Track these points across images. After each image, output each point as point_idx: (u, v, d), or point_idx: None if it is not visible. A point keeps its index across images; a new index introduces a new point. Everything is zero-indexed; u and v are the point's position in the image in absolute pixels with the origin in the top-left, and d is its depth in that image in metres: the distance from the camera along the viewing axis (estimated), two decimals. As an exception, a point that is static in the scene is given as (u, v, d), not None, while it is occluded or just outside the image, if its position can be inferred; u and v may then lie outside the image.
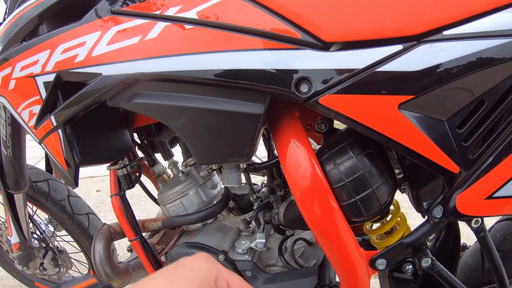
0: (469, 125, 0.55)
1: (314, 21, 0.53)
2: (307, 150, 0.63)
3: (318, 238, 0.66)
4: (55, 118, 0.74)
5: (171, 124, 0.64)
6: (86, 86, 0.67)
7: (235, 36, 0.56)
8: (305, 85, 0.55)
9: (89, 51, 0.66)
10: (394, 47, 0.52)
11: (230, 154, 0.64)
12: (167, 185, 1.02)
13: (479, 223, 0.65)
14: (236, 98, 0.60)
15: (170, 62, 0.59)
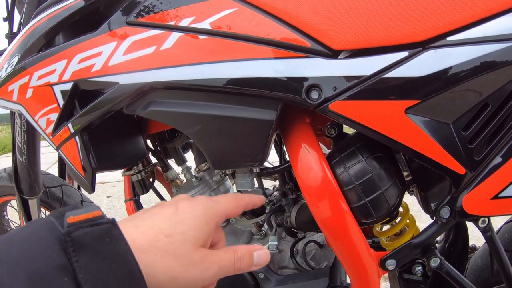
0: (474, 127, 0.57)
1: (323, 30, 0.55)
2: (318, 154, 0.65)
3: (329, 239, 0.68)
4: (72, 125, 0.76)
5: (187, 130, 0.66)
6: (103, 94, 0.69)
7: (247, 46, 0.58)
8: (315, 92, 0.56)
9: (105, 60, 0.68)
10: (400, 54, 0.54)
11: (244, 159, 0.65)
12: (180, 190, 1.04)
13: (486, 223, 0.66)
14: (249, 105, 0.61)
15: (185, 71, 0.61)
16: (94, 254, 0.35)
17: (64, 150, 0.84)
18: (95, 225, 0.37)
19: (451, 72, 0.53)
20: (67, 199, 1.58)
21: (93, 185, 0.85)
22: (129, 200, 1.02)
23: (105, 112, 0.71)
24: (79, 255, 0.35)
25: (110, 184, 4.00)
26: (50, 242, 0.35)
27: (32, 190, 1.39)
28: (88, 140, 0.80)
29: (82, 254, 0.35)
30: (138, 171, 0.98)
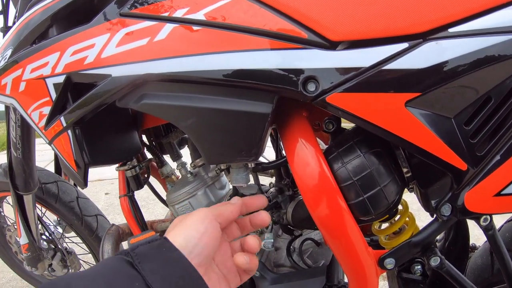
0: (476, 122, 0.55)
1: (320, 21, 0.54)
2: (315, 149, 0.63)
3: (326, 237, 0.66)
4: (65, 119, 0.75)
5: (180, 124, 0.64)
6: (96, 87, 0.68)
7: (242, 37, 0.57)
8: (312, 84, 0.55)
9: (98, 53, 0.67)
10: (400, 45, 0.52)
11: (239, 153, 0.64)
12: (175, 185, 1.03)
13: (488, 221, 0.64)
14: (244, 98, 0.60)
15: (179, 63, 0.59)
16: (156, 262, 0.47)
17: (56, 144, 0.83)
18: (152, 241, 0.50)
19: (452, 65, 0.51)
20: (62, 195, 1.57)
21: (86, 180, 0.83)
22: (123, 196, 1.01)
23: (98, 105, 0.70)
24: (144, 264, 0.46)
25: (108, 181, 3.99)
26: (118, 261, 0.46)
27: (27, 185, 1.38)
28: (81, 134, 0.78)
29: (146, 263, 0.46)
30: (132, 166, 0.97)
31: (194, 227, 0.55)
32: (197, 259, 0.52)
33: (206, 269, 0.55)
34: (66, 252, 1.70)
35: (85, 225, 1.58)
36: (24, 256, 1.58)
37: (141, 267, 0.45)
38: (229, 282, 0.62)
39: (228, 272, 0.63)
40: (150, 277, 0.44)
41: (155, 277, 0.44)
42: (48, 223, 1.72)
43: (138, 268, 0.45)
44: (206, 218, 0.58)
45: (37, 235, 1.55)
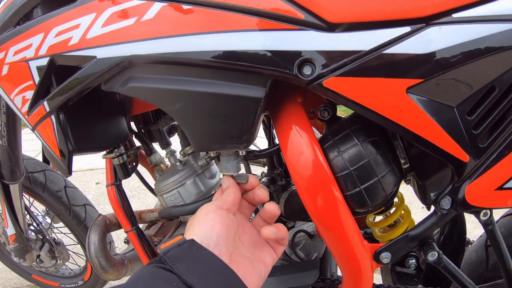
0: (479, 112, 0.53)
1: (318, 1, 0.51)
2: (310, 137, 0.60)
3: (320, 229, 0.64)
4: (48, 104, 0.72)
5: (168, 108, 0.62)
6: (80, 69, 0.65)
7: (235, 16, 0.54)
8: (308, 67, 0.52)
9: (83, 33, 0.63)
10: (401, 29, 0.50)
11: (229, 140, 0.61)
12: (164, 174, 1.00)
13: (488, 215, 0.63)
14: (236, 81, 0.57)
15: (167, 44, 0.57)
16: (189, 261, 0.50)
17: (40, 130, 0.80)
18: (181, 244, 0.53)
19: (456, 51, 0.49)
20: (50, 185, 1.54)
21: (70, 168, 0.80)
22: (111, 185, 0.98)
23: (82, 89, 0.67)
24: (178, 265, 0.49)
25: (99, 171, 3.95)
26: (153, 268, 0.49)
27: (13, 175, 1.35)
28: (65, 119, 0.75)
29: (180, 264, 0.49)
30: (119, 154, 0.93)
31: (202, 223, 0.58)
32: (216, 250, 0.54)
33: (230, 256, 0.56)
34: (54, 242, 1.68)
35: (73, 215, 1.56)
36: (12, 247, 1.55)
37: (176, 269, 0.48)
38: (264, 260, 0.64)
39: (262, 250, 0.65)
40: (186, 276, 0.47)
41: (192, 276, 0.47)
42: (36, 213, 1.70)
43: (173, 270, 0.48)
44: (209, 211, 0.60)
45: (24, 225, 1.52)
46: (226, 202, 0.62)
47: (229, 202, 0.63)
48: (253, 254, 0.63)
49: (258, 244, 0.66)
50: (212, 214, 0.59)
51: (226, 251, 0.56)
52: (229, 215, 0.61)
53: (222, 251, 0.55)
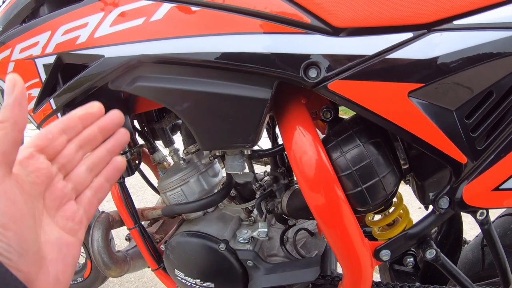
0: (477, 115, 0.55)
1: (324, 6, 0.52)
2: (313, 137, 0.62)
3: (322, 227, 0.65)
4: (54, 101, 0.73)
5: (175, 108, 0.63)
6: (88, 68, 0.66)
7: (243, 19, 0.55)
8: (314, 70, 0.54)
9: (91, 32, 0.65)
10: (404, 35, 0.51)
11: (235, 140, 0.63)
12: (167, 172, 1.01)
13: (485, 215, 0.64)
14: (243, 82, 0.59)
15: (176, 44, 0.58)
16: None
17: (45, 127, 0.81)
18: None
19: (456, 57, 0.51)
20: (51, 181, 1.54)
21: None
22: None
23: (89, 87, 0.68)
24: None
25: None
26: None
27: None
28: None
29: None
30: (123, 152, 0.94)
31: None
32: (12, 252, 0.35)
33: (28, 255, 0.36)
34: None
35: (73, 212, 1.56)
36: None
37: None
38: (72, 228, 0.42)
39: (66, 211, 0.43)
40: None
41: None
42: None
43: None
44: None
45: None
46: (11, 146, 0.36)
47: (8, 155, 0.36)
48: (61, 226, 0.42)
49: (62, 200, 0.43)
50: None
51: (14, 249, 0.35)
52: (15, 177, 0.37)
53: (8, 251, 0.35)
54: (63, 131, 0.43)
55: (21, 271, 0.35)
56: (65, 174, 0.44)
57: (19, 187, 0.37)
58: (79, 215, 0.44)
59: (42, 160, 0.41)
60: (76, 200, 0.44)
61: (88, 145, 0.46)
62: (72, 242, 0.42)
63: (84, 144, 0.45)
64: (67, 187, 0.43)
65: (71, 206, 0.43)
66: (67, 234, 0.42)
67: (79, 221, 0.43)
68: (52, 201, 0.42)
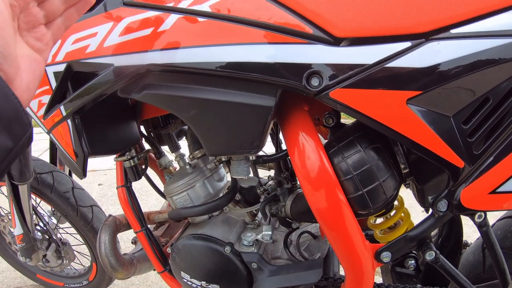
0: (474, 121, 0.56)
1: (325, 16, 0.54)
2: (316, 143, 0.64)
3: (324, 230, 0.67)
4: (64, 108, 0.75)
5: (182, 115, 0.65)
6: (97, 76, 0.68)
7: (247, 30, 0.57)
8: (316, 79, 0.55)
9: (100, 41, 0.67)
10: (402, 44, 0.53)
11: (240, 146, 0.65)
12: (174, 177, 1.03)
13: (482, 217, 0.66)
14: (248, 91, 0.61)
15: (183, 54, 0.60)
16: None
17: (55, 133, 0.83)
18: None
19: (453, 65, 0.52)
20: (58, 186, 1.56)
21: (85, 170, 0.84)
22: (121, 187, 1.01)
23: (98, 95, 0.70)
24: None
25: (101, 172, 3.97)
26: None
27: (22, 175, 1.37)
28: (80, 124, 0.78)
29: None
30: (130, 157, 0.97)
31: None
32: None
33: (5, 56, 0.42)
34: (60, 242, 1.69)
35: (80, 216, 1.57)
36: (18, 246, 1.56)
37: None
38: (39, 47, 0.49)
39: (37, 32, 0.49)
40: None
41: None
42: (43, 214, 1.71)
43: None
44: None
45: (31, 225, 1.54)
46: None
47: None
48: (31, 44, 0.49)
49: (34, 24, 0.49)
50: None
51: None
52: None
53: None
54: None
55: (2, 71, 0.41)
56: (40, 2, 0.49)
57: (3, 1, 0.43)
58: (47, 38, 0.50)
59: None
60: (46, 25, 0.50)
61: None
62: (39, 59, 0.48)
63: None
64: (40, 13, 0.49)
65: (41, 29, 0.49)
66: (36, 52, 0.48)
67: (46, 42, 0.50)
68: (25, 23, 0.48)
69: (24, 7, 0.47)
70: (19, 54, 0.46)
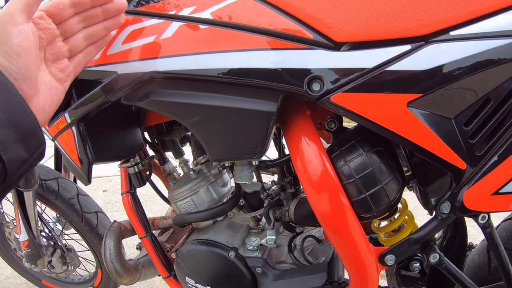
0: (475, 122, 0.57)
1: (325, 22, 0.55)
2: (318, 147, 0.64)
3: (328, 233, 0.67)
4: (69, 115, 0.76)
5: (186, 121, 0.66)
6: (101, 84, 0.69)
7: (248, 36, 0.58)
8: (317, 84, 0.56)
9: (104, 49, 0.67)
10: (402, 47, 0.53)
11: (243, 151, 0.65)
12: (178, 183, 1.04)
13: (486, 219, 0.66)
14: (250, 96, 0.61)
15: (185, 61, 0.61)
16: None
17: (60, 141, 0.84)
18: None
19: (453, 67, 0.53)
20: (63, 192, 1.57)
21: (90, 176, 0.84)
22: (126, 193, 1.02)
23: (102, 102, 0.71)
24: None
25: (106, 179, 3.98)
26: None
27: (27, 182, 1.38)
28: (85, 130, 0.79)
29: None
30: (135, 163, 0.98)
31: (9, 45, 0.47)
32: (15, 74, 0.47)
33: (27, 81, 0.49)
34: (65, 248, 1.70)
35: (85, 222, 1.58)
36: (24, 253, 1.58)
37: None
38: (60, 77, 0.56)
39: (60, 63, 0.57)
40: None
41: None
42: (48, 220, 1.72)
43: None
44: (11, 23, 0.48)
45: (37, 232, 1.55)
46: (35, 2, 0.49)
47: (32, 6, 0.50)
48: (53, 74, 0.56)
49: (59, 56, 0.57)
50: (13, 28, 0.47)
51: (21, 73, 0.48)
52: (31, 26, 0.50)
53: (17, 73, 0.47)
54: (73, 5, 0.56)
55: (22, 90, 0.47)
56: (65, 38, 0.58)
57: (33, 33, 0.50)
58: (69, 70, 0.58)
59: (50, 22, 0.54)
60: (69, 59, 0.59)
61: (89, 20, 0.60)
62: (59, 87, 0.56)
63: (86, 19, 0.59)
64: (64, 47, 0.57)
65: (64, 61, 0.58)
66: (57, 81, 0.56)
67: (68, 74, 0.58)
68: (50, 55, 0.56)
69: (51, 40, 0.55)
70: (41, 80, 0.53)
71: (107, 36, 0.64)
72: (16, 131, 0.44)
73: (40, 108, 0.51)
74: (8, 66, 0.46)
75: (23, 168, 0.46)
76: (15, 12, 0.48)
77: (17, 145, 0.44)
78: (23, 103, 0.46)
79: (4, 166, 0.43)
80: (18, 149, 0.45)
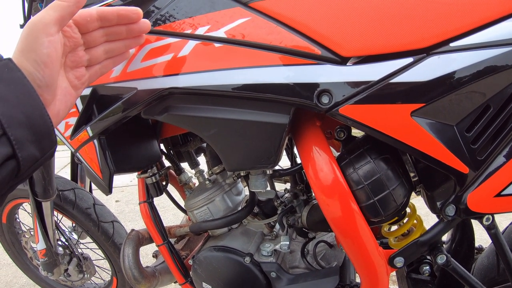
0: (476, 128, 0.59)
1: (332, 38, 0.58)
2: (329, 156, 0.68)
3: (339, 238, 0.70)
4: (90, 129, 0.79)
5: (203, 134, 0.69)
6: (122, 99, 0.72)
7: (260, 53, 0.61)
8: (326, 97, 0.59)
9: (124, 67, 0.71)
10: (405, 60, 0.56)
11: (258, 161, 0.68)
12: (194, 192, 1.07)
13: (490, 220, 0.68)
14: (263, 110, 0.64)
15: (202, 77, 0.64)
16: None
17: (82, 153, 0.87)
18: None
19: (454, 77, 0.55)
20: (79, 202, 1.61)
21: (111, 187, 0.88)
22: (143, 203, 1.05)
23: (123, 116, 0.74)
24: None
25: (118, 189, 4.03)
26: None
27: (46, 192, 1.42)
28: (106, 143, 0.83)
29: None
30: (152, 174, 1.01)
31: (31, 48, 0.50)
32: (38, 79, 0.50)
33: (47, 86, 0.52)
34: (82, 257, 1.73)
35: (101, 231, 1.62)
36: (41, 261, 1.61)
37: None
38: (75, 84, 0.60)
39: (77, 70, 0.61)
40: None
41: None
42: (64, 229, 1.76)
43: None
44: (42, 33, 0.51)
45: (54, 240, 1.59)
46: (68, 15, 0.53)
47: (66, 15, 0.53)
48: (70, 80, 0.59)
49: (78, 64, 0.60)
50: (44, 38, 0.51)
51: (45, 81, 0.51)
52: (60, 36, 0.54)
53: (41, 81, 0.50)
54: (100, 19, 0.60)
55: (43, 97, 0.50)
56: (87, 48, 0.61)
57: (60, 42, 0.53)
58: (85, 78, 0.61)
59: (76, 31, 0.58)
60: (86, 68, 0.62)
61: (112, 36, 0.63)
62: (73, 94, 0.59)
63: (110, 34, 0.63)
64: (85, 56, 0.61)
65: (82, 70, 0.61)
66: (72, 88, 0.59)
67: (83, 82, 0.61)
68: (71, 62, 0.59)
69: (74, 48, 0.59)
70: (58, 85, 0.55)
71: (126, 53, 0.68)
72: (32, 132, 0.47)
73: (55, 113, 0.54)
74: (33, 73, 0.49)
75: (34, 166, 0.49)
76: (48, 22, 0.51)
77: (32, 145, 0.47)
78: (42, 107, 0.49)
79: (18, 163, 0.46)
80: (32, 149, 0.48)
